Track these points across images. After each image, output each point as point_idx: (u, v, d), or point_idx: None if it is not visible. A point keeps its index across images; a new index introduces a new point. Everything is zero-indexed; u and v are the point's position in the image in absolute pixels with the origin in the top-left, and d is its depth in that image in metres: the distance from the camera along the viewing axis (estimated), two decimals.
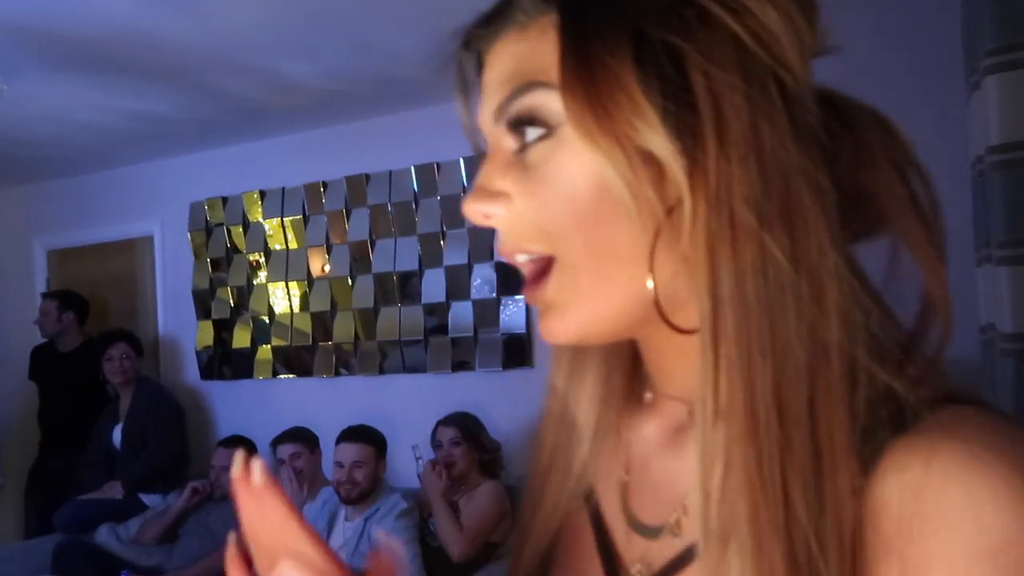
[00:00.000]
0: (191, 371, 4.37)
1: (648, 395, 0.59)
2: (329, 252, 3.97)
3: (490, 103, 0.51)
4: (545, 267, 0.50)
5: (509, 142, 0.50)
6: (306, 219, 4.03)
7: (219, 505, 3.54)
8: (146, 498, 3.79)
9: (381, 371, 3.83)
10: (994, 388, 2.23)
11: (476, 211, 0.51)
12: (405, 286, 3.78)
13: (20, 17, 2.52)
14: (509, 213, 0.50)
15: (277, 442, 3.34)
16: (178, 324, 4.45)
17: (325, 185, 3.98)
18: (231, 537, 0.52)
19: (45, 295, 4.39)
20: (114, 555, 3.47)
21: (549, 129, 0.48)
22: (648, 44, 0.45)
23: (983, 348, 2.29)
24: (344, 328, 3.91)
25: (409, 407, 3.71)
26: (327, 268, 3.97)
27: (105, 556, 3.44)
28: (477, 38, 0.53)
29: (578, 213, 0.47)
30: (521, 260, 0.51)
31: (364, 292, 3.86)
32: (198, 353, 4.32)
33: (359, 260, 3.89)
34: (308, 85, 3.31)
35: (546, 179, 0.48)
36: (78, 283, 4.85)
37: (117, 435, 3.92)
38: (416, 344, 3.74)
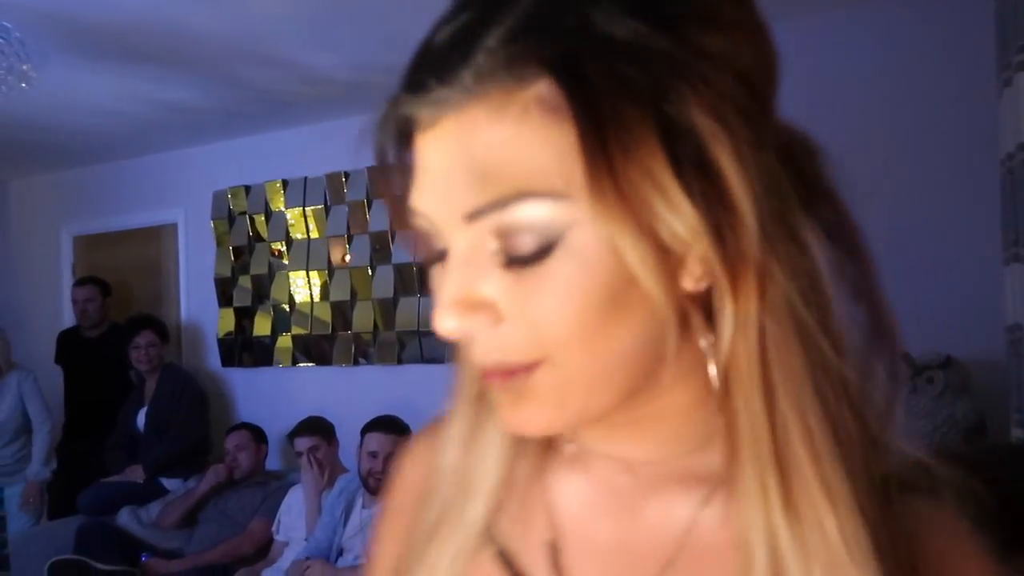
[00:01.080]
0: (212, 358, 4.41)
1: (570, 446, 0.52)
2: (350, 242, 3.98)
3: (449, 199, 0.42)
4: (531, 366, 0.43)
5: (487, 242, 0.42)
6: (327, 209, 4.05)
7: (237, 491, 3.58)
8: (167, 482, 3.84)
9: (399, 361, 3.84)
10: (1020, 389, 2.20)
11: (456, 329, 0.43)
12: (424, 276, 3.77)
13: (49, 5, 2.55)
14: (496, 327, 0.42)
15: (294, 435, 3.37)
16: (200, 311, 4.49)
17: (347, 175, 4.00)
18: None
19: (83, 281, 4.41)
20: (135, 537, 3.52)
21: (549, 242, 0.40)
22: (674, 127, 0.39)
23: (1009, 348, 2.25)
24: (363, 318, 3.93)
25: (427, 397, 3.71)
26: (347, 258, 3.98)
27: (126, 538, 3.49)
28: (417, 102, 0.42)
29: (585, 321, 0.40)
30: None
31: (384, 282, 3.88)
32: (219, 340, 4.36)
33: (379, 250, 3.91)
34: (333, 76, 3.31)
35: (546, 287, 0.40)
36: (103, 269, 4.90)
37: (141, 419, 3.97)
38: (435, 335, 3.73)
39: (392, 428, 3.01)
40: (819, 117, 2.53)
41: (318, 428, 3.37)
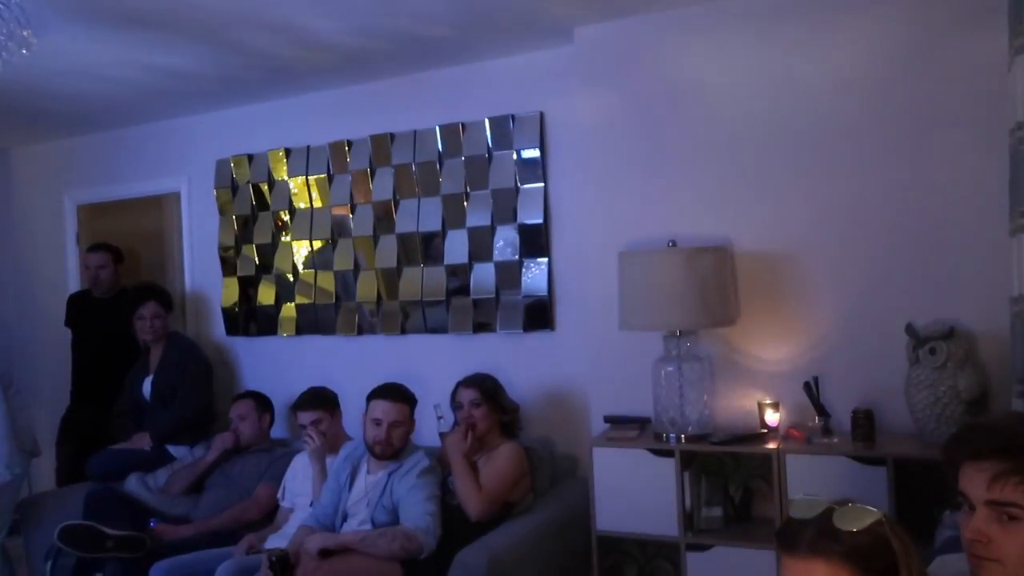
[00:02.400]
0: (217, 326, 4.43)
1: None
2: (353, 211, 3.97)
3: None
4: None
5: None
6: (331, 178, 4.04)
7: (242, 458, 3.62)
8: (173, 449, 3.87)
9: (403, 331, 3.86)
10: (1023, 361, 2.19)
11: None
12: (428, 247, 3.78)
13: None
14: None
15: (297, 408, 3.40)
16: (205, 280, 4.50)
17: (350, 144, 3.97)
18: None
19: (96, 248, 4.41)
20: (143, 503, 3.56)
21: None
22: None
23: (1014, 319, 2.25)
24: (367, 288, 3.94)
25: (430, 367, 3.73)
26: (351, 227, 3.98)
27: (134, 504, 3.53)
28: None
29: None
30: None
31: (387, 252, 3.87)
32: (224, 309, 4.37)
33: (382, 220, 3.90)
34: (335, 42, 3.28)
35: None
36: (107, 238, 4.89)
37: (147, 387, 3.99)
38: (438, 305, 3.75)
39: (396, 396, 3.03)
40: (831, 90, 2.53)
41: (321, 401, 3.39)
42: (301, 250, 4.13)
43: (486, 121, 3.61)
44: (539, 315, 3.53)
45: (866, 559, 1.08)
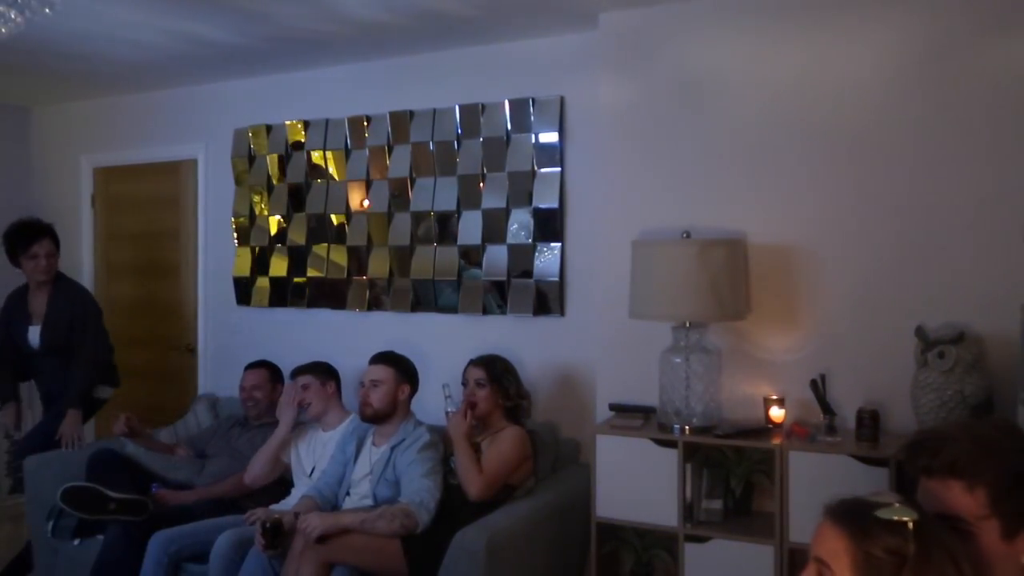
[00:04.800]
0: (229, 296, 4.44)
1: None
2: (369, 187, 3.97)
3: None
4: None
5: None
6: (348, 153, 4.04)
7: (249, 430, 3.64)
8: (101, 392, 3.87)
9: (413, 309, 3.86)
10: None
11: None
12: (442, 226, 3.78)
13: None
14: None
15: (294, 373, 3.50)
16: (218, 249, 4.51)
17: (369, 120, 3.97)
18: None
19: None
20: (145, 467, 3.58)
21: None
22: None
23: (1023, 326, 2.24)
24: (379, 264, 3.94)
25: (438, 346, 3.74)
26: (366, 203, 3.98)
27: (137, 467, 3.55)
28: None
29: None
30: None
31: (401, 229, 3.88)
32: (236, 279, 4.39)
33: (398, 197, 3.90)
34: (359, 16, 3.27)
35: None
36: (122, 201, 4.93)
37: (34, 335, 3.75)
38: (449, 284, 3.76)
39: (379, 358, 3.18)
40: (852, 89, 2.52)
41: (312, 368, 3.47)
42: (313, 223, 4.13)
43: (506, 103, 3.60)
44: (550, 300, 3.53)
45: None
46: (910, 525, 1.10)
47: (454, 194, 3.73)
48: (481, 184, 3.67)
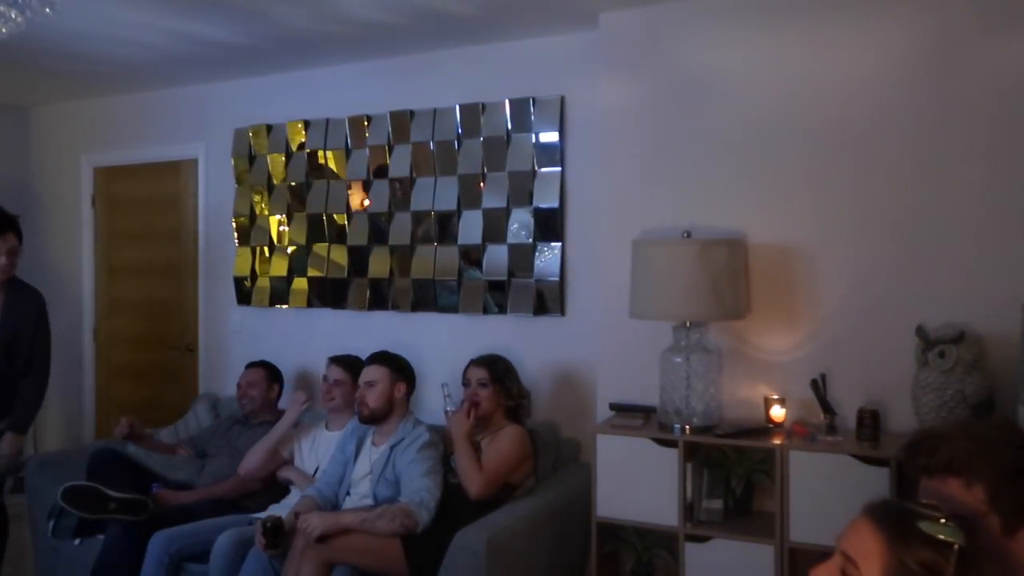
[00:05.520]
0: (229, 295, 4.44)
1: None
2: (369, 187, 3.97)
3: None
4: None
5: None
6: (348, 152, 4.04)
7: (249, 429, 3.64)
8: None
9: (413, 309, 3.86)
10: None
11: None
12: (442, 226, 3.78)
13: None
14: None
15: (335, 361, 3.51)
16: (218, 248, 4.51)
17: (369, 119, 3.97)
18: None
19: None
20: (146, 467, 3.58)
21: None
22: None
23: None
24: (379, 264, 3.94)
25: (438, 346, 3.74)
26: (367, 203, 3.98)
27: (138, 467, 3.54)
28: None
29: None
30: None
31: (401, 229, 3.88)
32: (236, 278, 4.39)
33: (398, 197, 3.90)
34: (359, 15, 3.27)
35: None
36: (122, 201, 4.93)
37: None
38: (449, 284, 3.76)
39: (373, 358, 3.18)
40: (852, 89, 2.52)
41: (355, 365, 3.43)
42: (314, 223, 4.13)
43: (506, 103, 3.60)
44: (550, 299, 3.53)
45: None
46: (956, 546, 1.07)
47: (454, 194, 3.73)
48: (481, 184, 3.67)
